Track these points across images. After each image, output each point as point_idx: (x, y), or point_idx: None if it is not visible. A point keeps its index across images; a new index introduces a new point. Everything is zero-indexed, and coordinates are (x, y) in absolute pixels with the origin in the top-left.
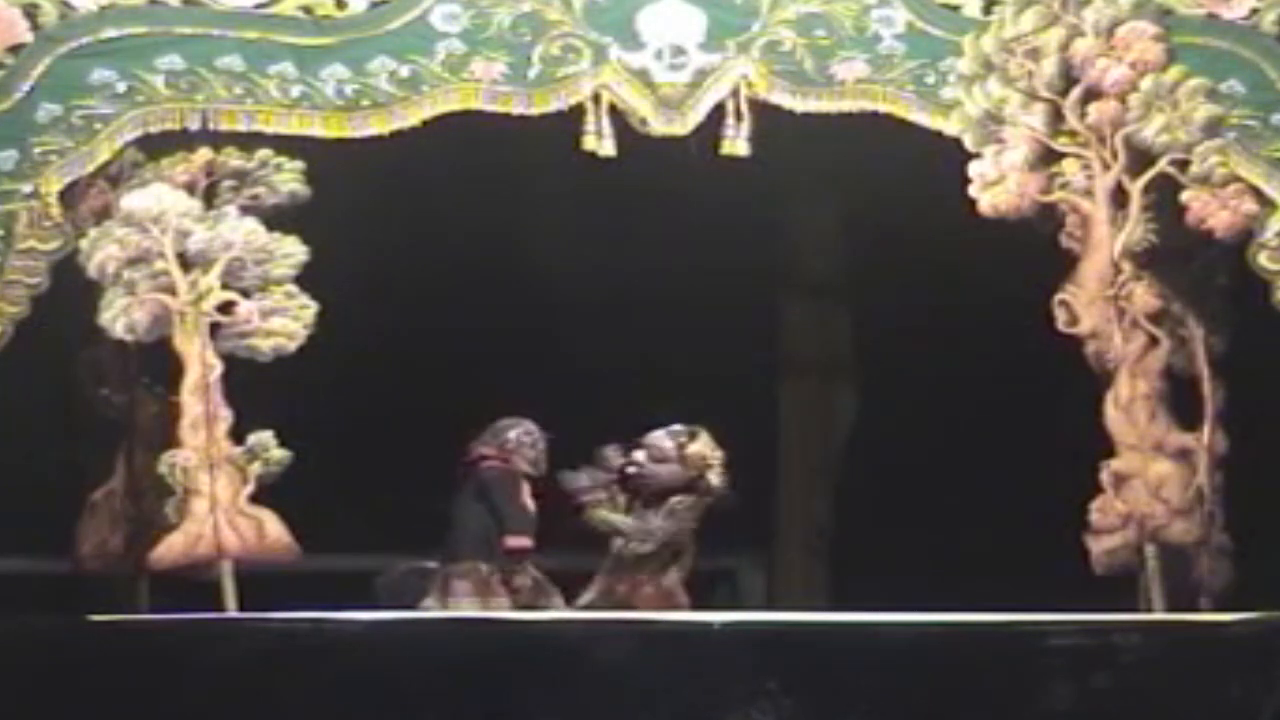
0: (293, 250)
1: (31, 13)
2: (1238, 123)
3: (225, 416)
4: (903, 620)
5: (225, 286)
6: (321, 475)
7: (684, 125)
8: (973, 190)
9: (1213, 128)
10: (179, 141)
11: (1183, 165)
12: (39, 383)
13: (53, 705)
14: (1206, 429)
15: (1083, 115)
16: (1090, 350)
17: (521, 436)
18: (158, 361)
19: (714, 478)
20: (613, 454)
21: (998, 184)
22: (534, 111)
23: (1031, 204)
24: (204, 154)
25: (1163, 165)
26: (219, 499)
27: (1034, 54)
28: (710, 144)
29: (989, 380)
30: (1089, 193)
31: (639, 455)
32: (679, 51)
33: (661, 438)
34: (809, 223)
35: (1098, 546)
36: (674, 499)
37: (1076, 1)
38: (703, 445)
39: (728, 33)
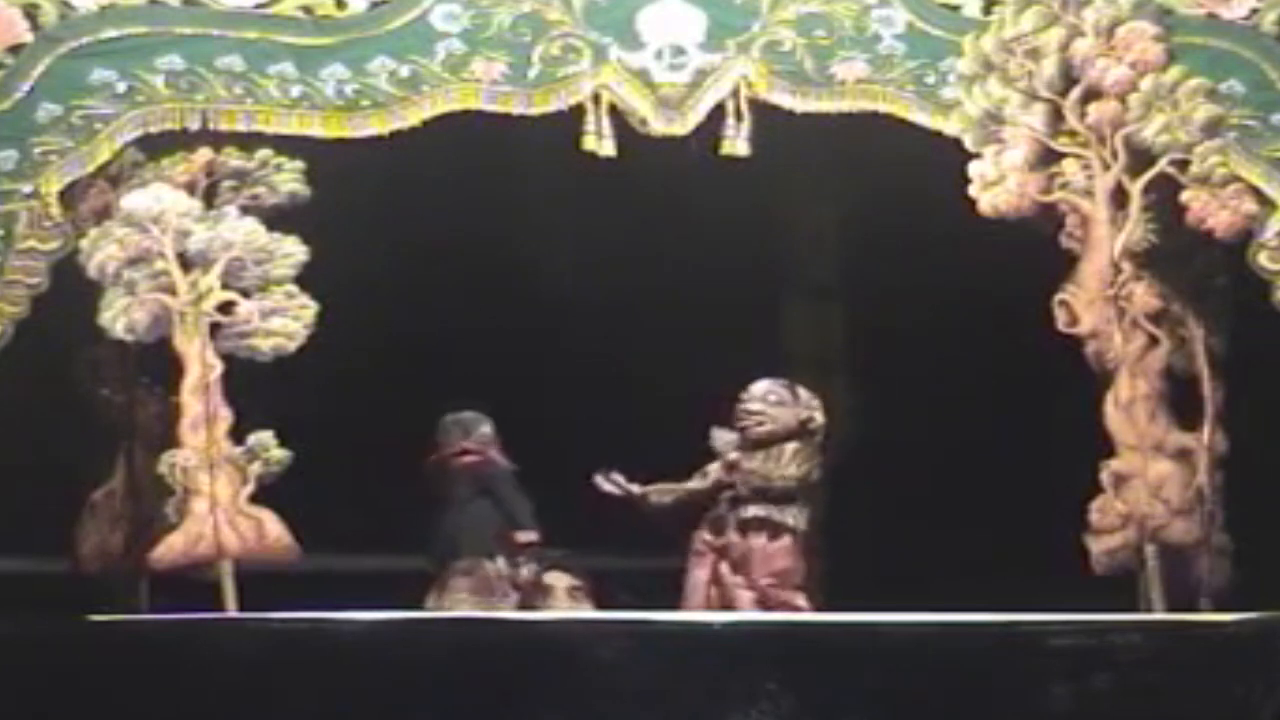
0: (293, 250)
1: (31, 13)
2: (1238, 123)
3: (225, 416)
4: (903, 620)
5: (225, 286)
6: (321, 475)
7: (684, 125)
8: (973, 190)
9: (1213, 128)
10: (179, 141)
11: (1183, 165)
12: (39, 383)
13: (53, 705)
14: (1206, 429)
15: (1083, 115)
16: (1090, 350)
17: (489, 430)
18: (158, 361)
19: (820, 417)
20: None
21: (998, 184)
22: (534, 111)
23: (1031, 204)
24: (204, 154)
25: (1163, 165)
26: (219, 499)
27: (1034, 54)
28: (710, 144)
29: (989, 380)
30: (1089, 193)
31: (753, 403)
32: (679, 51)
33: (771, 383)
34: (808, 223)
35: (1098, 546)
36: (790, 445)
37: (1076, 1)
38: (806, 392)
39: (728, 33)
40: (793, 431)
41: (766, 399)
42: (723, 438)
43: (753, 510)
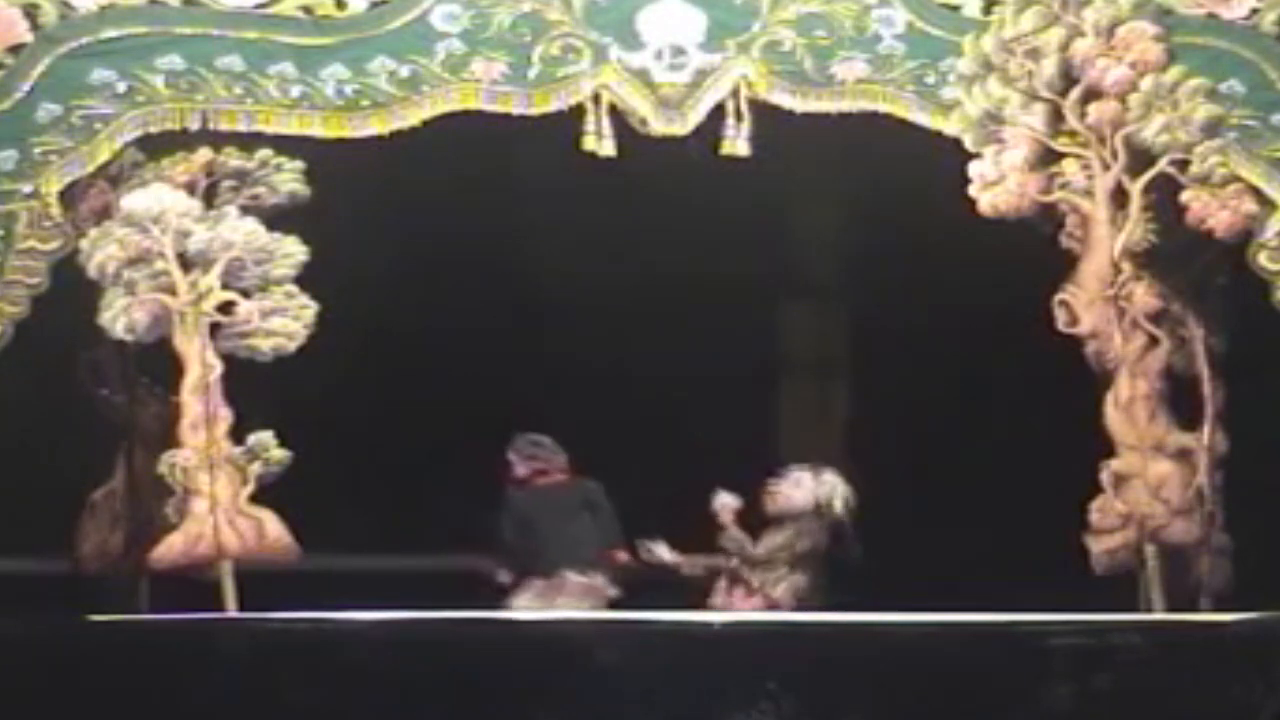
0: (293, 250)
1: (31, 13)
2: (1238, 123)
3: (225, 416)
4: (903, 620)
5: (225, 286)
6: (321, 475)
7: (684, 125)
8: (973, 190)
9: (1213, 128)
10: (179, 141)
11: (1183, 165)
12: (39, 383)
13: (53, 705)
14: (1206, 429)
15: (1083, 115)
16: (1090, 350)
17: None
18: (158, 361)
19: (838, 503)
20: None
21: (998, 184)
22: (534, 111)
23: (1031, 204)
24: (204, 154)
25: (1163, 165)
26: (219, 499)
27: (1034, 54)
28: (710, 144)
29: (989, 380)
30: (1089, 193)
31: (779, 482)
32: (679, 51)
33: (799, 469)
34: (808, 222)
35: (1098, 546)
36: (798, 521)
37: (1076, 1)
38: (833, 477)
39: (728, 33)
40: (805, 512)
41: (787, 478)
42: (720, 500)
43: (734, 563)
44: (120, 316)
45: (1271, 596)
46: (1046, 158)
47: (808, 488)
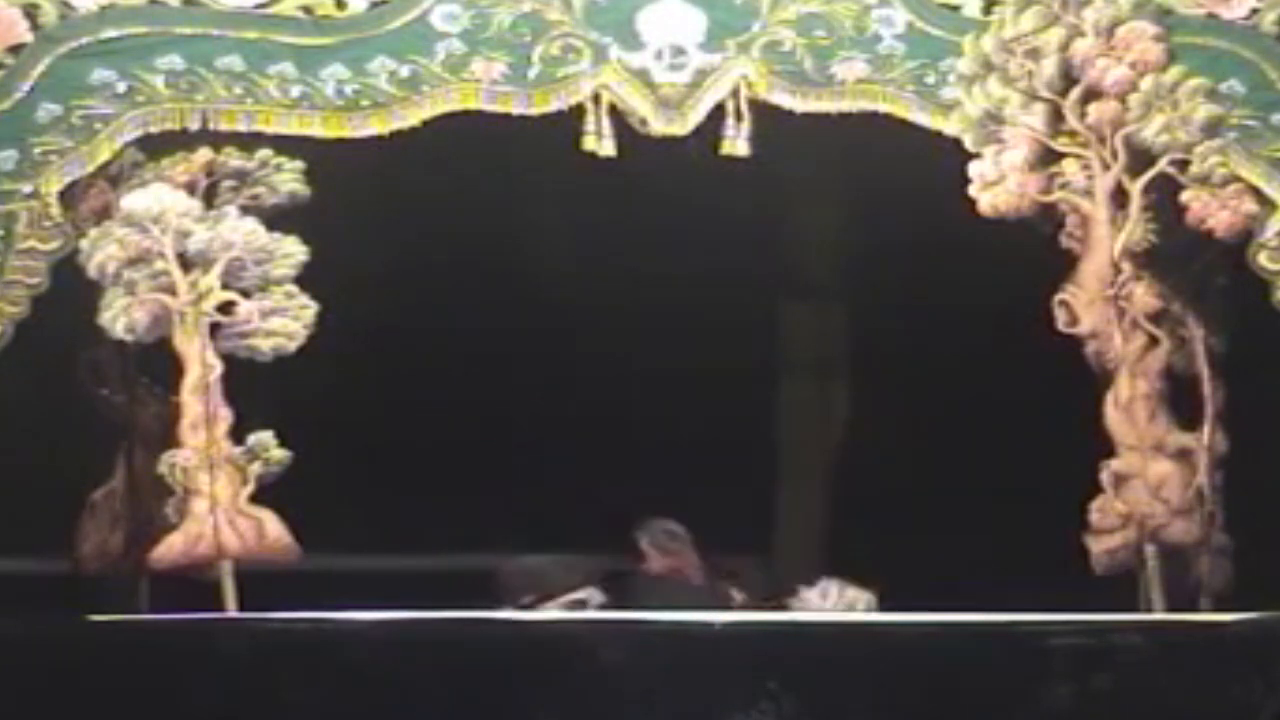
0: (293, 250)
1: (31, 13)
2: (1238, 123)
3: (225, 416)
4: (903, 620)
5: (225, 286)
6: (321, 475)
7: (684, 125)
8: (973, 190)
9: (1213, 128)
10: (179, 141)
11: (1183, 165)
12: (39, 383)
13: (53, 705)
14: (1206, 429)
15: (1083, 115)
16: (1090, 350)
17: None
18: (158, 361)
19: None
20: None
21: (998, 184)
22: (534, 111)
23: (1031, 204)
24: (204, 154)
25: (1163, 165)
26: (219, 499)
27: (1034, 54)
28: (710, 144)
29: (989, 380)
30: (1089, 193)
31: (808, 589)
32: (679, 51)
33: (829, 581)
34: (808, 222)
35: (1098, 546)
36: None
37: (1076, 1)
38: (857, 593)
39: (728, 33)
40: None
41: (816, 586)
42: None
43: None
44: (120, 316)
45: (1271, 596)
46: (1046, 158)
47: (830, 599)
